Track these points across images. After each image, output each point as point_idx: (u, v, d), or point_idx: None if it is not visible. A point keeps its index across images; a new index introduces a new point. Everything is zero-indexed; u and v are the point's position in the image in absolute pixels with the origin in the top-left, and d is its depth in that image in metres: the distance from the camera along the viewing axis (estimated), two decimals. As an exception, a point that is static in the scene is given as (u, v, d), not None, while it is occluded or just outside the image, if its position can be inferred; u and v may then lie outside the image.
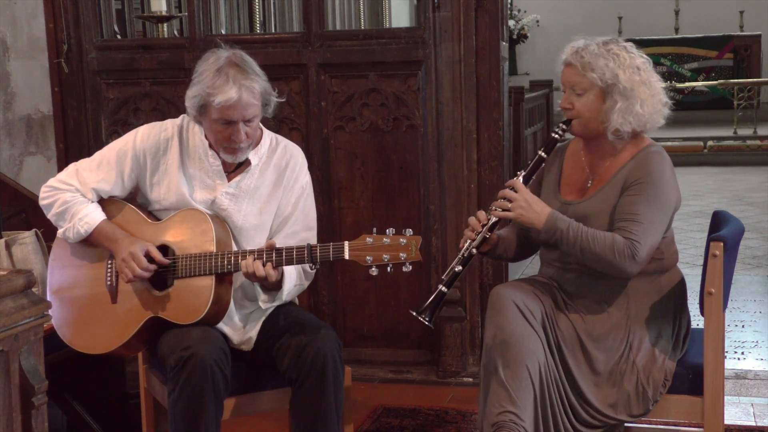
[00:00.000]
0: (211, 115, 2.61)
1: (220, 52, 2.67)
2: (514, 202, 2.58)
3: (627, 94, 2.57)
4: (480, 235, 2.61)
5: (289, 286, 2.67)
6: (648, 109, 2.60)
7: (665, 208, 2.58)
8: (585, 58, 2.59)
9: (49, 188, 2.73)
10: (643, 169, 2.58)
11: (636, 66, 2.60)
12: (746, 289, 5.36)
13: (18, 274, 1.87)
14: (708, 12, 13.53)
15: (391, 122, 3.97)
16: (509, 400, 2.48)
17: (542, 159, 2.68)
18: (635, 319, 2.62)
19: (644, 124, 2.62)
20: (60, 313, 2.70)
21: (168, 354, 2.53)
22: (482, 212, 2.65)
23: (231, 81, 2.57)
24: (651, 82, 2.62)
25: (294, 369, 2.57)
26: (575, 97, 2.62)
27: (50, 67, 4.26)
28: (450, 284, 2.59)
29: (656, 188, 2.56)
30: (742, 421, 3.47)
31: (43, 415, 1.90)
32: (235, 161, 2.70)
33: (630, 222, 2.52)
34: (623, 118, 2.57)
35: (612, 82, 2.57)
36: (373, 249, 2.47)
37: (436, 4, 3.86)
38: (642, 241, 2.50)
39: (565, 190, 2.74)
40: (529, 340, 2.53)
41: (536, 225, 2.58)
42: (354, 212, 4.05)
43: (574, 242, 2.54)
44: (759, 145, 10.87)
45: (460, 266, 2.59)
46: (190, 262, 2.60)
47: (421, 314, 2.55)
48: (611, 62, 2.57)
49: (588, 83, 2.59)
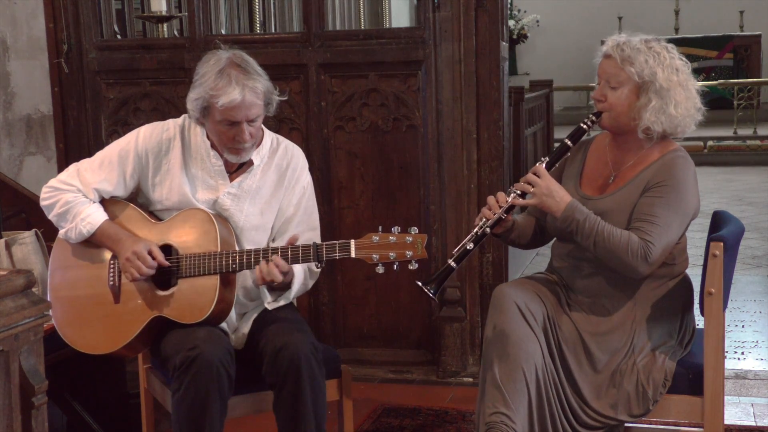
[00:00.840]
0: (215, 116, 2.61)
1: (220, 53, 2.66)
2: (536, 187, 2.58)
3: (662, 94, 2.56)
4: (497, 215, 2.60)
5: (297, 286, 2.68)
6: (681, 111, 2.58)
7: (684, 213, 2.57)
8: (626, 51, 2.58)
9: (51, 189, 2.73)
10: (668, 172, 2.57)
11: (675, 67, 2.60)
12: (746, 289, 5.36)
13: (18, 274, 1.87)
14: (708, 12, 13.54)
15: (391, 122, 3.97)
16: (502, 401, 2.48)
17: (567, 147, 2.67)
18: (640, 321, 2.61)
19: (675, 127, 2.60)
20: (62, 314, 2.70)
21: (173, 354, 2.52)
22: (502, 194, 2.65)
23: (234, 82, 2.57)
24: (688, 86, 2.61)
25: (271, 374, 2.57)
26: (609, 89, 2.61)
27: (50, 67, 4.26)
28: (460, 260, 2.58)
29: (677, 193, 2.55)
30: (742, 421, 3.47)
31: (43, 415, 1.90)
32: (239, 161, 2.70)
33: (647, 223, 2.52)
34: (656, 117, 2.56)
35: (649, 79, 2.56)
36: (380, 247, 2.48)
37: (436, 4, 3.86)
38: (656, 243, 2.50)
39: (585, 184, 2.74)
40: (528, 342, 2.53)
41: (555, 212, 2.58)
42: (354, 212, 4.05)
43: (589, 234, 2.53)
44: (759, 145, 10.87)
45: (471, 243, 2.59)
46: (194, 262, 2.60)
47: (427, 285, 2.54)
48: (651, 59, 2.57)
49: (625, 77, 2.58)
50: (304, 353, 2.55)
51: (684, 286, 2.69)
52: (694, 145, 11.04)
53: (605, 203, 2.64)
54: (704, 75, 12.70)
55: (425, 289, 2.53)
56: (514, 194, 2.61)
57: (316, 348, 2.60)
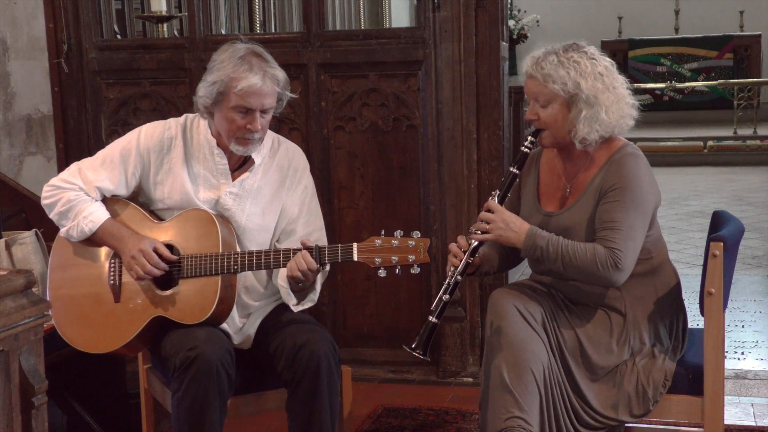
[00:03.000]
0: (230, 102, 2.60)
1: (238, 44, 2.68)
2: (492, 224, 2.56)
3: (591, 102, 2.54)
4: (463, 261, 2.58)
5: (319, 286, 2.68)
6: (613, 115, 2.56)
7: (644, 211, 2.55)
8: (545, 69, 2.55)
9: (52, 187, 2.72)
10: (617, 174, 2.55)
11: (598, 72, 2.56)
12: (746, 289, 5.36)
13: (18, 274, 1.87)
14: (708, 12, 13.53)
15: (391, 122, 3.97)
16: (516, 405, 2.46)
17: (516, 175, 2.65)
18: (633, 321, 2.61)
19: (611, 130, 2.58)
20: (62, 313, 2.70)
21: (173, 354, 2.52)
22: (462, 238, 2.63)
23: (255, 67, 2.59)
24: (615, 87, 2.58)
25: (289, 371, 2.57)
26: (540, 108, 2.60)
27: (50, 67, 4.26)
28: (440, 314, 2.56)
29: (632, 192, 2.53)
30: (742, 421, 3.47)
31: (43, 415, 1.90)
32: (245, 153, 2.69)
33: (609, 230, 2.50)
34: (589, 126, 2.54)
35: (574, 91, 2.54)
36: (382, 251, 2.48)
37: (436, 4, 3.86)
38: (623, 249, 2.48)
39: (544, 200, 2.72)
40: (533, 343, 2.52)
41: (516, 244, 2.57)
42: (354, 212, 4.05)
43: (555, 258, 2.52)
44: (759, 145, 10.87)
45: (447, 295, 2.56)
46: (196, 262, 2.60)
47: (415, 350, 2.52)
48: (572, 71, 2.54)
49: (551, 94, 2.56)
50: (324, 352, 2.56)
51: (670, 279, 2.67)
52: (694, 145, 11.07)
53: (566, 218, 2.62)
54: (704, 75, 12.70)
55: (415, 353, 2.51)
56: (474, 234, 2.58)
57: (335, 349, 2.61)
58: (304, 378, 2.55)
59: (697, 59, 12.89)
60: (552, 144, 2.65)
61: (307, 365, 2.54)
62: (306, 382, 2.55)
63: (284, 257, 2.56)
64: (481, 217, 2.59)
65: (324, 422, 2.56)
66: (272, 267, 2.63)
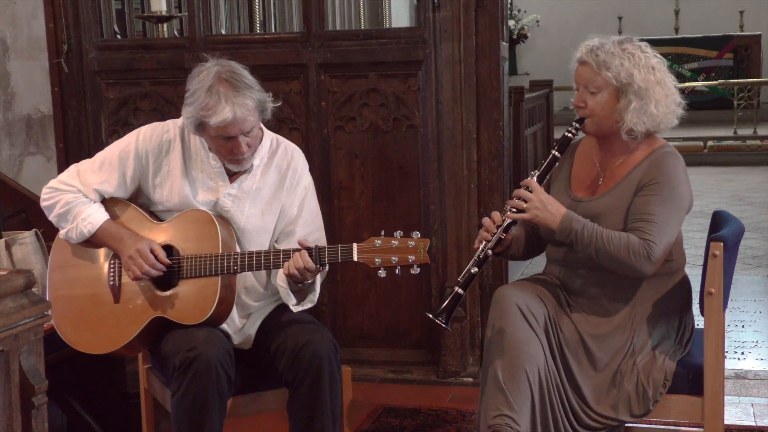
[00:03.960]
0: (210, 132, 2.61)
1: (208, 66, 2.62)
2: (529, 203, 2.57)
3: (641, 94, 2.57)
4: (495, 236, 2.60)
5: (318, 287, 2.68)
6: (662, 109, 2.59)
7: (679, 208, 2.58)
8: (600, 56, 2.58)
9: (51, 189, 2.72)
10: (658, 169, 2.58)
11: (651, 66, 2.60)
12: (746, 289, 5.36)
13: (18, 274, 1.87)
14: (708, 12, 13.54)
15: (391, 122, 3.97)
16: (506, 404, 2.48)
17: (556, 158, 2.67)
18: (640, 321, 2.61)
19: (658, 125, 2.61)
20: (61, 313, 2.70)
21: (172, 354, 2.52)
22: (497, 213, 2.64)
23: (223, 100, 2.53)
24: (665, 82, 2.62)
25: (290, 371, 2.57)
26: (589, 95, 2.62)
27: (50, 67, 4.26)
28: (466, 286, 2.58)
29: (671, 189, 2.55)
30: (742, 421, 3.47)
31: (43, 415, 1.90)
32: (241, 169, 2.70)
33: (645, 222, 2.52)
34: (638, 117, 2.57)
35: (627, 81, 2.57)
36: (382, 251, 2.49)
37: (436, 4, 3.86)
38: (657, 241, 2.50)
39: (575, 186, 2.74)
40: (530, 344, 2.53)
41: (551, 225, 2.57)
42: (354, 212, 4.05)
43: (588, 243, 2.53)
44: (759, 145, 10.87)
45: (476, 268, 2.58)
46: (196, 263, 2.60)
47: (438, 317, 2.53)
48: (626, 61, 2.57)
49: (602, 82, 2.59)
50: (326, 352, 2.56)
51: (682, 284, 2.69)
52: (694, 145, 11.04)
53: (597, 205, 2.64)
54: (704, 75, 12.70)
55: (437, 321, 2.52)
56: (509, 211, 2.60)
57: (336, 349, 2.61)
58: (305, 378, 2.55)
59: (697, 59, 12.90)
60: (595, 132, 2.66)
61: (309, 365, 2.54)
62: (308, 382, 2.55)
63: (284, 258, 2.56)
64: (519, 194, 2.60)
65: (325, 422, 2.56)
66: (272, 267, 2.63)
